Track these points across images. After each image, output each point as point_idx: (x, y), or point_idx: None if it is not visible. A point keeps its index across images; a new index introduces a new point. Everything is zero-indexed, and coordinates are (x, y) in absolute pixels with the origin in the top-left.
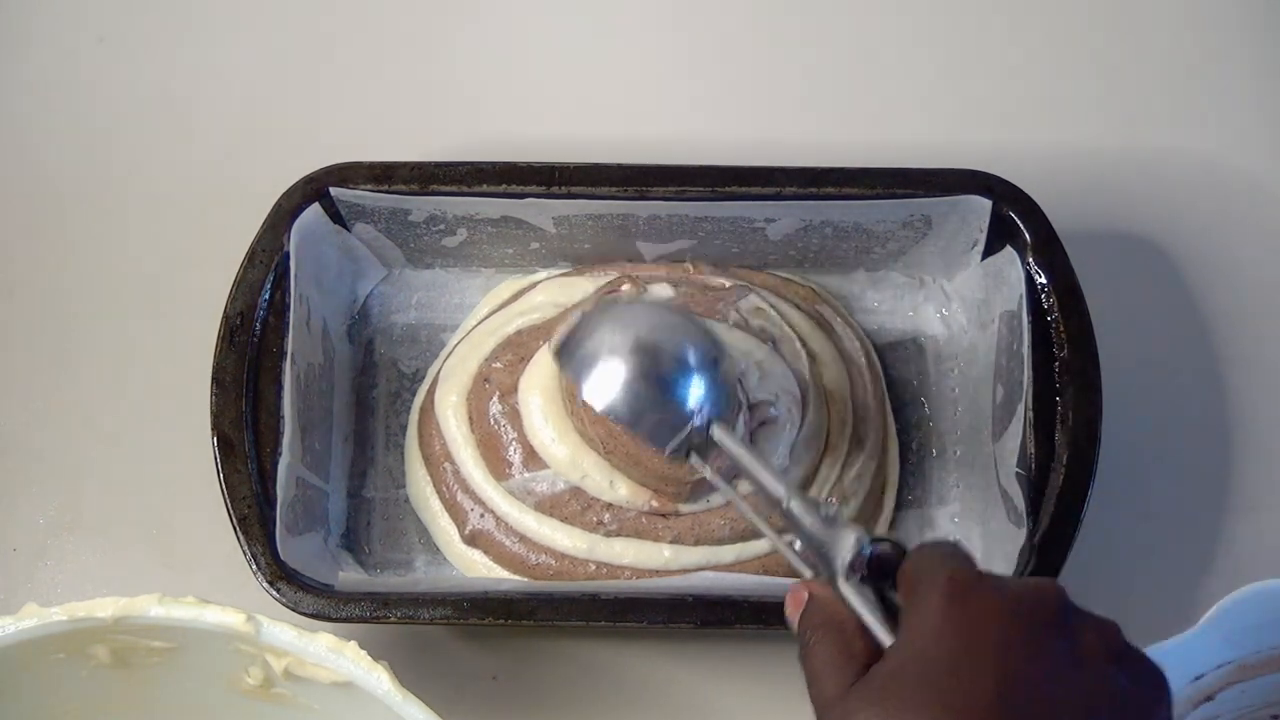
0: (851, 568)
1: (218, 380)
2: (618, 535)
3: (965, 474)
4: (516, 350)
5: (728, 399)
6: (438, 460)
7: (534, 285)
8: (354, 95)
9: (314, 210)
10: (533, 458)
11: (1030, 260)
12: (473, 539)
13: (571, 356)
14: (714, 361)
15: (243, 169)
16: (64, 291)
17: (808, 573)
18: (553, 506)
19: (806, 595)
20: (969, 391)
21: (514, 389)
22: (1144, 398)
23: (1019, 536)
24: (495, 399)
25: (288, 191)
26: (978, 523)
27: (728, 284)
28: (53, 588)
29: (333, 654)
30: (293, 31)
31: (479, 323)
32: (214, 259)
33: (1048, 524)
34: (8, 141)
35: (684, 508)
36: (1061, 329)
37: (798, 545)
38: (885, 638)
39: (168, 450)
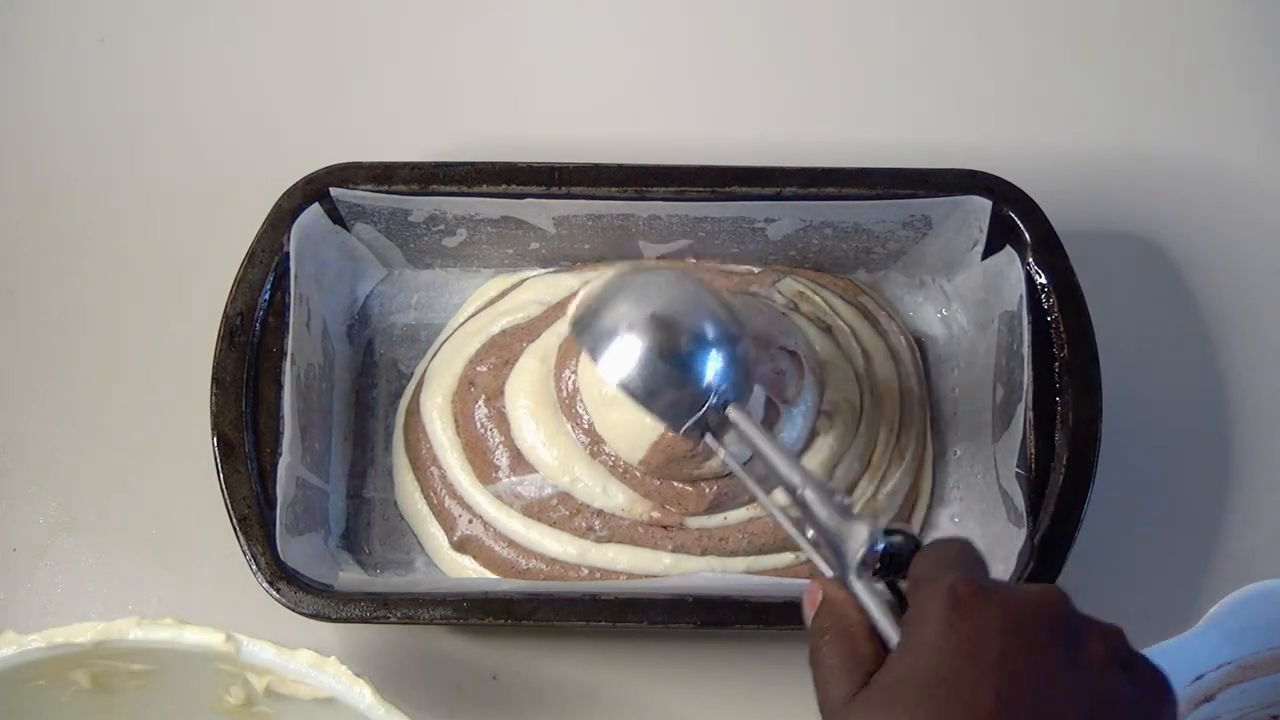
0: (863, 564)
1: (218, 380)
2: (609, 542)
3: (965, 474)
4: (500, 353)
5: (746, 378)
6: (425, 464)
7: (521, 283)
8: (354, 95)
9: (314, 210)
10: (520, 462)
11: (1030, 260)
12: (462, 545)
13: (588, 329)
14: (734, 338)
15: (243, 169)
16: (64, 291)
17: (829, 571)
18: (540, 511)
19: (821, 595)
20: (969, 391)
21: (499, 392)
22: (1144, 398)
23: (1019, 536)
24: (481, 402)
25: (288, 191)
26: (978, 523)
27: (757, 269)
28: (52, 588)
29: (313, 670)
30: (293, 31)
31: (465, 320)
32: (214, 259)
33: (1048, 524)
34: (8, 141)
35: (691, 522)
36: (1061, 329)
37: (811, 534)
38: (895, 641)
39: (168, 450)
